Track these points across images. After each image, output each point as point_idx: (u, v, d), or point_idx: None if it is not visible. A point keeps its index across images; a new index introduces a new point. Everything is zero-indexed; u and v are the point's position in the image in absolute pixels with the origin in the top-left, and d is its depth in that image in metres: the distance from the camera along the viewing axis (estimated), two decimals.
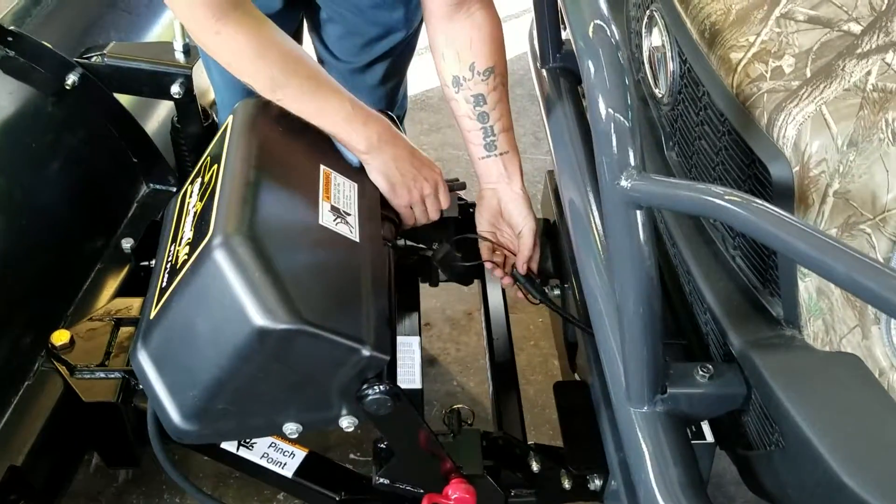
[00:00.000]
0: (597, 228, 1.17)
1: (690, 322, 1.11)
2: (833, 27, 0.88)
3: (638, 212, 0.80)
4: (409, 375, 1.31)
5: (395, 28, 1.57)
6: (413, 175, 1.29)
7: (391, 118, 1.46)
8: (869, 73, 0.82)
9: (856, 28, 0.86)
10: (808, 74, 0.86)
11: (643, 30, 1.17)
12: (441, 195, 1.35)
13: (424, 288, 1.64)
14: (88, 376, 1.26)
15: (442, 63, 1.35)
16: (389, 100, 1.71)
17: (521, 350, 1.68)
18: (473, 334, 2.05)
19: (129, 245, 1.48)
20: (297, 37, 1.65)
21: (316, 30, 1.61)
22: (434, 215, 1.36)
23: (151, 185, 1.62)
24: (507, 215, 1.41)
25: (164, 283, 1.11)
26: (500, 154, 1.39)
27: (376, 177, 1.27)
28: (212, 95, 1.71)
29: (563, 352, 1.59)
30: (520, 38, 3.22)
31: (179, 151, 1.59)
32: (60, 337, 1.28)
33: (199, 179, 1.19)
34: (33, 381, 1.26)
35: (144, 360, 1.10)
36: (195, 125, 1.54)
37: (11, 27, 1.46)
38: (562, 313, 1.42)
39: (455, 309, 2.11)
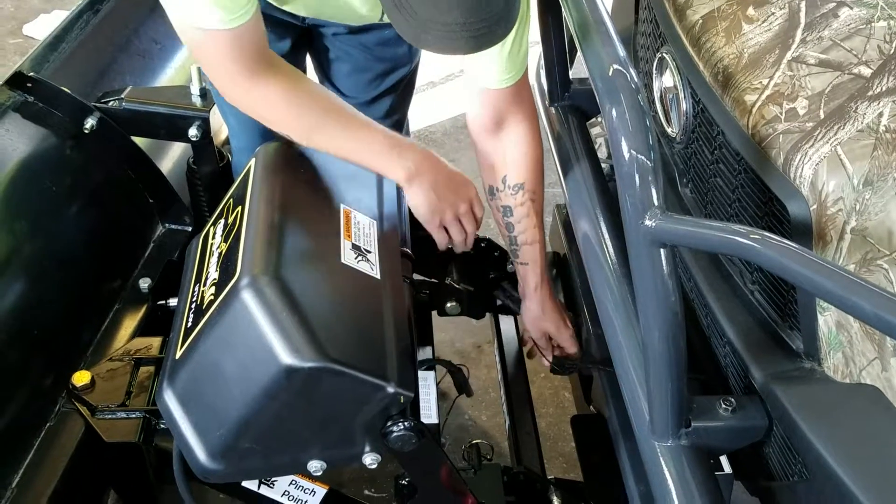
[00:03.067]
0: (612, 263, 1.19)
1: (708, 354, 1.13)
2: (844, 70, 0.91)
3: (662, 250, 0.82)
4: (426, 410, 1.32)
5: (400, 63, 1.62)
6: (451, 199, 1.33)
7: None
8: (881, 114, 0.86)
9: (866, 71, 0.90)
10: (822, 116, 0.89)
11: (654, 70, 1.20)
12: (476, 208, 1.38)
13: (434, 320, 1.66)
14: (110, 416, 1.27)
15: (482, 171, 1.43)
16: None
17: (531, 382, 1.69)
18: (483, 367, 2.06)
19: (146, 285, 1.50)
20: None
21: (323, 69, 1.66)
22: (470, 229, 1.39)
23: (167, 224, 1.64)
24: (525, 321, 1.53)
25: (190, 324, 1.13)
26: (521, 264, 1.45)
27: (415, 203, 1.31)
28: (225, 135, 1.74)
29: (576, 384, 1.61)
30: None
31: (195, 191, 1.61)
32: (81, 378, 1.29)
33: (223, 221, 1.22)
34: (55, 423, 1.27)
35: (171, 400, 1.12)
36: (211, 166, 1.56)
37: (31, 73, 1.49)
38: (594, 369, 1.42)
39: (464, 342, 2.12)
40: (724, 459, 1.11)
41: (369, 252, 1.20)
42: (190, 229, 1.64)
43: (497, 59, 1.24)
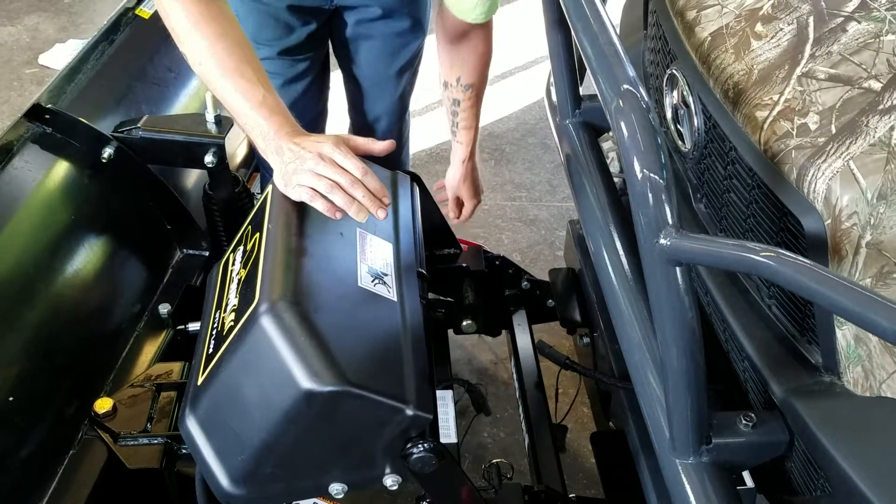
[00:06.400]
0: (627, 279, 1.20)
1: (727, 369, 1.13)
2: (854, 85, 0.92)
3: (677, 268, 0.82)
4: (445, 430, 1.32)
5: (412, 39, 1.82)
6: (297, 163, 1.16)
7: (415, 177, 1.51)
8: (892, 128, 0.86)
9: (876, 85, 0.90)
10: (834, 131, 0.90)
11: (664, 87, 1.21)
12: (343, 159, 1.15)
13: (450, 339, 1.66)
14: (132, 443, 1.28)
15: (441, 68, 1.71)
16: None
17: (549, 398, 1.70)
18: (501, 384, 2.06)
19: (165, 310, 1.52)
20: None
21: (344, 48, 1.83)
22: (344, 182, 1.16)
23: (185, 250, 1.65)
24: (446, 184, 1.90)
25: (211, 350, 1.14)
26: (457, 142, 1.81)
27: (275, 178, 1.21)
28: (240, 159, 1.77)
29: (594, 399, 1.61)
30: (531, 88, 3.30)
31: (211, 217, 1.62)
32: (103, 405, 1.30)
33: (242, 247, 1.23)
34: (78, 450, 1.28)
35: (193, 426, 1.13)
36: (227, 191, 1.58)
37: (48, 105, 1.52)
38: (591, 374, 1.43)
39: (481, 360, 2.12)
40: (746, 474, 1.11)
41: (386, 275, 1.21)
42: (207, 254, 1.66)
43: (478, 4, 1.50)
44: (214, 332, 1.16)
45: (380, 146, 1.23)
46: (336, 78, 1.89)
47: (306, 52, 1.75)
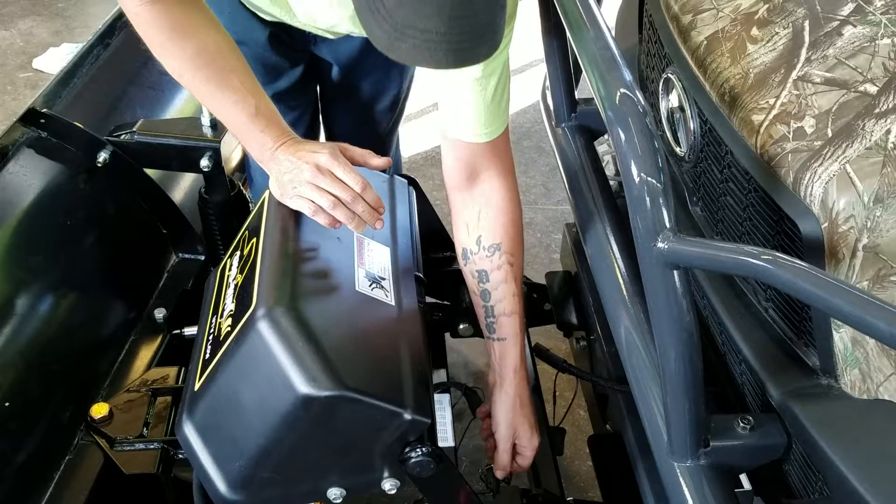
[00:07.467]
0: (624, 282, 1.20)
1: (724, 372, 1.13)
2: (850, 88, 0.92)
3: (675, 271, 0.83)
4: (442, 433, 1.32)
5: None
6: (294, 173, 1.14)
7: (412, 181, 1.51)
8: (889, 131, 0.86)
9: (872, 89, 0.91)
10: (830, 134, 0.90)
11: (660, 91, 1.21)
12: (342, 172, 1.13)
13: (447, 341, 1.66)
14: (128, 448, 1.28)
15: (456, 234, 1.31)
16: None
17: (546, 401, 1.70)
18: None
19: (161, 315, 1.51)
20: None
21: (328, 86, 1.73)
22: (344, 187, 1.13)
23: (180, 254, 1.65)
24: (492, 412, 1.30)
25: (208, 355, 1.14)
26: (497, 340, 1.28)
27: (271, 187, 1.20)
28: (236, 163, 1.76)
29: (591, 402, 1.61)
30: (527, 90, 3.29)
31: (207, 221, 1.62)
32: (99, 410, 1.30)
33: (239, 253, 1.23)
34: (74, 455, 1.27)
35: (190, 432, 1.12)
36: (223, 195, 1.57)
37: (44, 109, 1.51)
38: (588, 377, 1.43)
39: (478, 363, 2.12)
40: (743, 476, 1.11)
41: (383, 279, 1.21)
42: (203, 258, 1.65)
43: (477, 111, 1.18)
44: (211, 338, 1.15)
45: (377, 161, 1.20)
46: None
47: (297, 99, 1.67)
